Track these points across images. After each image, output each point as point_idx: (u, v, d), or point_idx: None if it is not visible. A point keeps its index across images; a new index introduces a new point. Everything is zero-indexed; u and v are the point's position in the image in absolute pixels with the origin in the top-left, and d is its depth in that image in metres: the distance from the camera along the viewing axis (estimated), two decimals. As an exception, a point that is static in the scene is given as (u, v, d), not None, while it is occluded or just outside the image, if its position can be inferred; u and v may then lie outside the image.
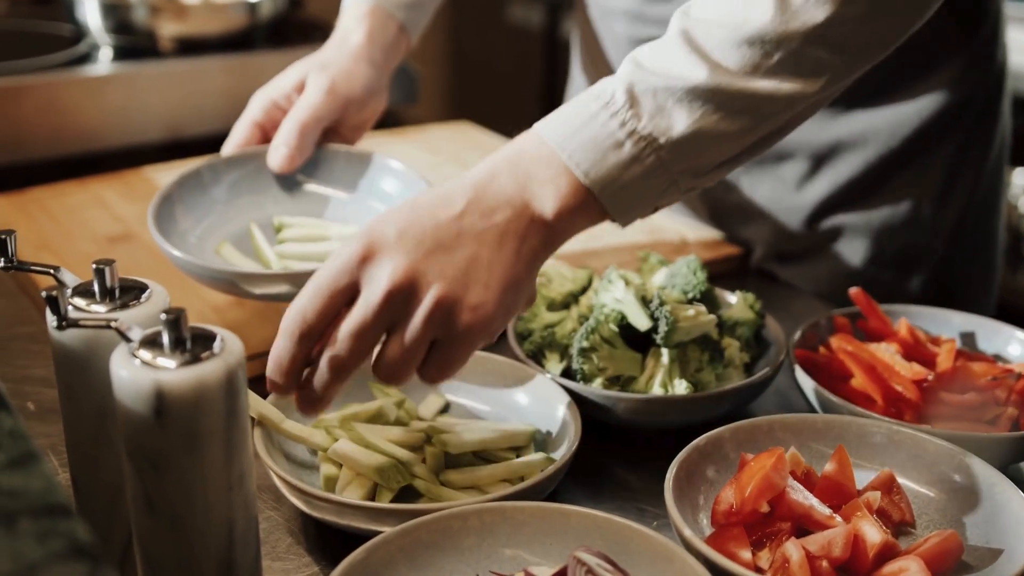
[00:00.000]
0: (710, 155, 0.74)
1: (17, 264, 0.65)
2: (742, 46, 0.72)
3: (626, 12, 1.14)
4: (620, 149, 0.71)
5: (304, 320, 0.69)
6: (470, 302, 0.69)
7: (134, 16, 1.56)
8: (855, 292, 0.91)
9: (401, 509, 0.69)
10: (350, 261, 0.69)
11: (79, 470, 0.65)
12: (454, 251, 0.70)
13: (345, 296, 0.69)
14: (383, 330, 0.69)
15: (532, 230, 0.72)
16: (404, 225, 0.70)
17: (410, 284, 0.68)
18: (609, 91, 0.73)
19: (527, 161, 0.73)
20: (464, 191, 0.72)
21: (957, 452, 0.74)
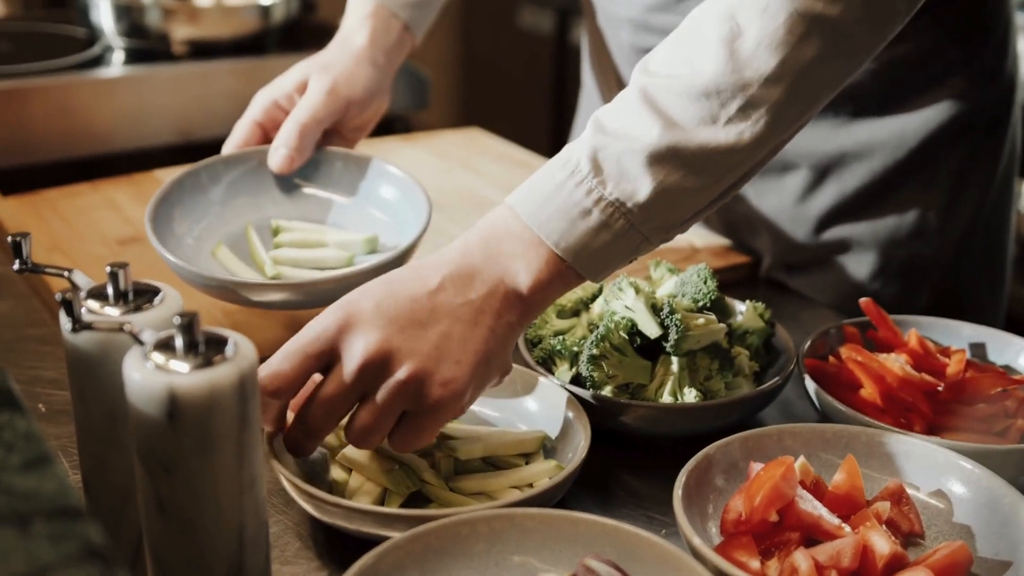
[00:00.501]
0: (679, 211, 0.74)
1: (32, 266, 0.65)
2: (699, 99, 0.73)
3: (630, 21, 1.14)
4: (588, 217, 0.72)
5: (277, 379, 0.71)
6: (441, 378, 0.70)
7: (147, 19, 1.57)
8: (865, 302, 0.91)
9: (410, 515, 0.69)
10: (328, 330, 0.71)
11: (90, 472, 0.65)
12: (428, 328, 0.71)
13: (319, 362, 0.71)
14: (355, 400, 0.71)
15: (507, 305, 0.73)
16: (381, 299, 0.71)
17: (383, 358, 0.70)
18: (575, 159, 0.73)
19: (499, 236, 0.74)
20: (439, 267, 0.73)
21: (966, 464, 0.74)
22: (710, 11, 0.75)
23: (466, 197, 1.27)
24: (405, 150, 1.42)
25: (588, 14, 1.26)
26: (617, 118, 0.74)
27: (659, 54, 0.77)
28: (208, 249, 0.95)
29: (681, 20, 1.09)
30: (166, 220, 0.93)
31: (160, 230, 0.90)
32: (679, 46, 0.76)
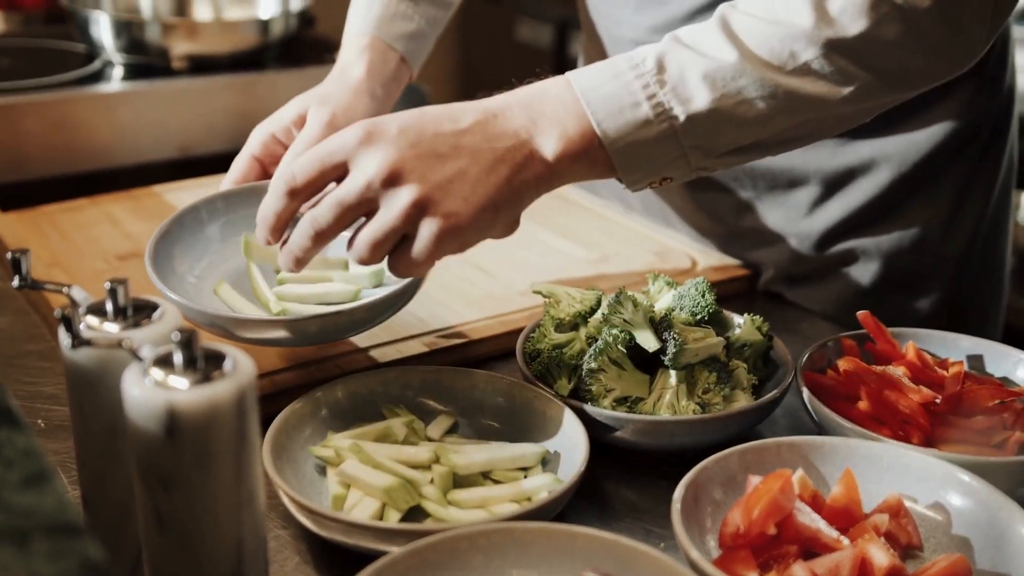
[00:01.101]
0: (723, 137, 0.77)
1: (31, 283, 0.66)
2: (774, 40, 0.76)
3: (633, 42, 1.15)
4: (637, 108, 0.75)
5: (293, 180, 0.75)
6: (444, 209, 0.74)
7: (146, 35, 1.57)
8: (863, 315, 0.91)
9: (409, 529, 0.69)
10: (348, 141, 0.74)
11: (89, 487, 0.65)
12: (445, 161, 0.74)
13: (335, 171, 0.75)
14: (363, 210, 0.75)
15: (529, 164, 0.76)
16: (406, 124, 0.75)
17: (393, 176, 0.73)
18: (641, 55, 0.77)
19: (545, 98, 0.77)
20: (475, 112, 0.76)
21: (964, 476, 0.74)
22: None
23: (465, 211, 1.27)
24: (404, 164, 1.42)
25: (587, 33, 1.26)
26: (693, 35, 0.78)
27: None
28: (211, 286, 0.93)
29: None
30: (166, 258, 0.91)
31: (161, 268, 0.88)
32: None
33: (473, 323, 1.01)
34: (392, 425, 0.82)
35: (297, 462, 0.79)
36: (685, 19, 1.09)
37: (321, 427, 0.82)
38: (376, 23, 1.04)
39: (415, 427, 0.83)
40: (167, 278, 0.88)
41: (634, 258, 1.16)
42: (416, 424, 0.83)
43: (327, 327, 0.84)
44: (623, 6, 1.14)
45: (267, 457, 0.74)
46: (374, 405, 0.85)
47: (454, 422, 0.86)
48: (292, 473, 0.77)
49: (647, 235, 1.22)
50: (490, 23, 3.29)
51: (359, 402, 0.85)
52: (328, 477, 0.79)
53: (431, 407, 0.86)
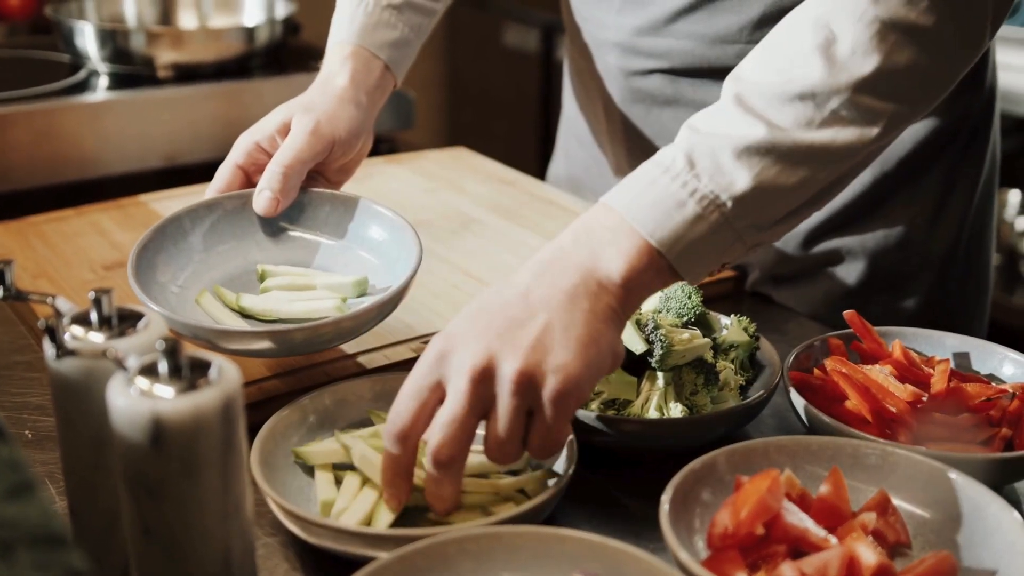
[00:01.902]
0: (773, 209, 0.76)
1: (16, 293, 0.65)
2: (794, 102, 0.75)
3: (618, 44, 1.15)
4: (683, 208, 0.74)
5: (399, 425, 0.71)
6: (552, 366, 0.70)
7: (131, 44, 1.57)
8: (849, 314, 0.91)
9: (398, 535, 0.69)
10: (429, 361, 0.71)
11: (76, 498, 0.65)
12: (526, 325, 0.71)
13: (433, 395, 0.71)
14: (478, 416, 0.70)
15: (602, 290, 0.73)
16: (473, 315, 0.72)
17: (488, 366, 0.69)
18: (669, 157, 0.76)
19: (590, 227, 0.75)
20: (530, 269, 0.74)
21: (951, 473, 0.74)
22: (802, 20, 0.78)
23: (451, 217, 1.27)
24: (390, 170, 1.42)
25: (571, 38, 1.26)
26: (711, 120, 0.77)
27: (750, 63, 0.79)
28: (194, 296, 0.92)
29: (669, 42, 1.10)
30: (149, 268, 0.90)
31: (143, 279, 0.87)
32: (771, 54, 0.79)
33: (461, 328, 1.01)
34: (381, 430, 0.82)
35: (285, 469, 0.79)
36: (668, 20, 1.09)
37: (309, 434, 0.82)
38: (359, 32, 1.04)
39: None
40: (150, 288, 0.87)
41: (621, 261, 1.16)
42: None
43: (312, 337, 0.83)
44: (606, 8, 1.15)
45: (255, 465, 0.74)
46: (362, 411, 0.85)
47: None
48: (280, 480, 0.77)
49: (634, 238, 1.22)
50: (476, 28, 3.29)
51: (347, 409, 0.85)
52: (316, 479, 0.78)
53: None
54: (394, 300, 0.86)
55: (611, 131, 1.24)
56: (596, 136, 1.30)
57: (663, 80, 1.13)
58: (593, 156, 1.33)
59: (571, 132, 1.38)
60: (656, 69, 1.13)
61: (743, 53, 1.08)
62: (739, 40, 1.07)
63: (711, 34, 1.08)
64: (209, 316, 0.91)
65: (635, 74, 1.15)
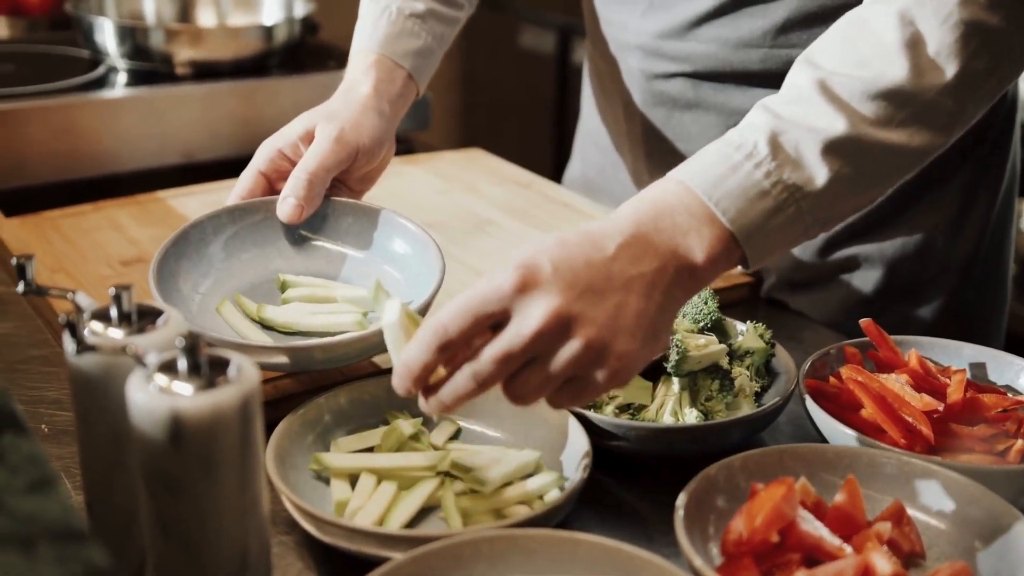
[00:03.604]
0: (843, 205, 0.77)
1: (36, 288, 0.66)
2: (877, 99, 0.76)
3: (640, 48, 1.15)
4: (765, 198, 0.74)
5: (445, 335, 0.69)
6: (617, 350, 0.70)
7: (150, 41, 1.58)
8: (866, 323, 0.91)
9: (412, 536, 0.69)
10: (504, 289, 0.69)
11: (94, 494, 0.66)
12: (605, 296, 0.70)
13: (491, 320, 0.70)
14: (528, 359, 0.70)
15: (678, 279, 0.73)
16: (559, 261, 0.70)
17: (562, 324, 0.69)
18: (751, 141, 0.75)
19: (672, 209, 0.74)
20: (612, 235, 0.72)
21: (967, 484, 0.74)
22: (885, 14, 0.78)
23: (466, 218, 1.28)
24: (405, 171, 1.42)
25: (593, 41, 1.26)
26: (793, 106, 0.77)
27: (827, 50, 0.79)
28: (215, 303, 0.92)
29: (692, 46, 1.10)
30: (171, 275, 0.89)
31: (165, 286, 0.87)
32: (851, 44, 0.79)
33: (476, 330, 1.01)
34: (399, 425, 0.82)
35: (300, 468, 0.79)
36: (692, 24, 1.09)
37: (324, 433, 0.83)
38: (382, 40, 1.04)
39: (419, 433, 0.83)
40: (171, 296, 0.87)
41: (637, 265, 1.16)
42: (421, 430, 0.83)
43: (331, 355, 0.83)
44: (630, 12, 1.14)
45: (270, 463, 0.74)
46: (377, 411, 0.86)
47: (457, 429, 0.86)
48: (295, 479, 0.77)
49: (650, 242, 1.22)
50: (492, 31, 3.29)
51: (362, 408, 0.85)
52: (331, 479, 0.79)
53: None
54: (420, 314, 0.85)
55: (631, 134, 1.24)
56: (615, 140, 1.30)
57: (685, 84, 1.13)
58: (610, 160, 1.33)
59: (588, 136, 1.38)
60: (679, 73, 1.13)
61: (767, 58, 1.07)
62: (763, 45, 1.07)
63: (735, 38, 1.08)
64: (230, 326, 0.90)
65: (657, 77, 1.15)
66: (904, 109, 0.76)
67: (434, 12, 1.08)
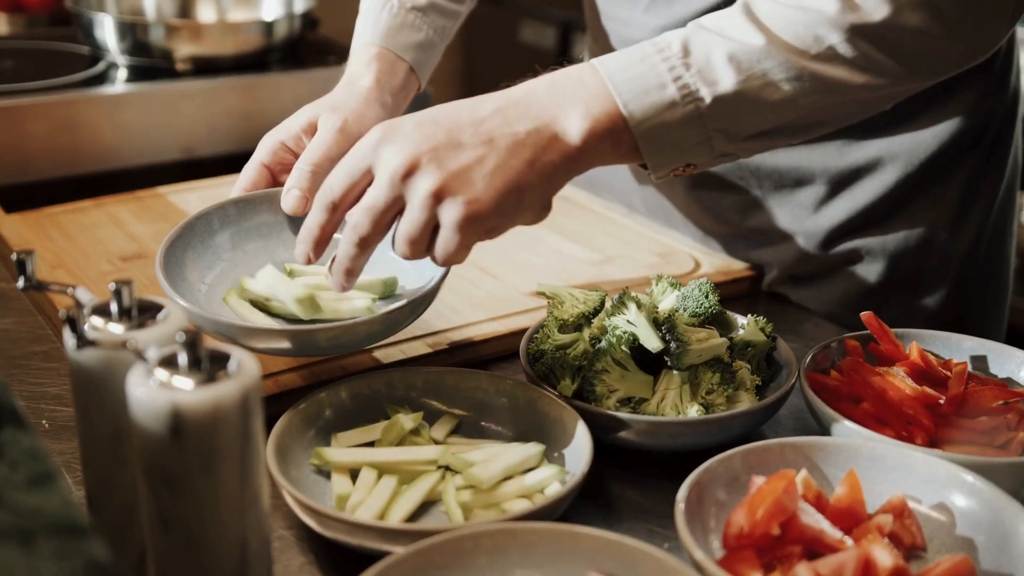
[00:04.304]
0: (748, 120, 0.79)
1: (36, 284, 0.66)
2: (799, 25, 0.78)
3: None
4: (663, 90, 0.76)
5: (331, 192, 0.78)
6: (465, 197, 0.74)
7: (150, 36, 1.58)
8: (867, 316, 0.91)
9: (413, 529, 0.69)
10: (367, 144, 0.76)
11: (94, 488, 0.66)
12: (462, 149, 0.75)
13: (365, 177, 0.77)
14: (394, 208, 0.76)
15: (553, 145, 0.76)
16: (422, 119, 0.76)
17: (410, 169, 0.74)
18: (667, 40, 0.79)
19: (570, 83, 0.78)
20: (494, 100, 0.77)
21: (968, 476, 0.74)
22: None
23: (468, 212, 1.27)
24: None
25: (594, 36, 1.26)
26: (717, 21, 0.80)
27: None
28: (221, 294, 0.91)
29: None
30: (177, 265, 0.89)
31: (171, 276, 0.86)
32: None
33: (477, 324, 1.01)
34: (399, 419, 0.82)
35: (301, 463, 0.79)
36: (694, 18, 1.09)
37: (325, 428, 0.83)
38: (384, 33, 1.04)
39: (420, 428, 0.83)
40: (177, 285, 0.86)
41: (637, 259, 1.16)
42: (421, 424, 0.83)
43: (341, 338, 0.82)
44: (632, 7, 1.14)
45: (271, 458, 0.75)
46: (378, 406, 0.86)
47: (458, 423, 0.86)
48: (296, 474, 0.77)
49: (650, 236, 1.22)
50: (493, 25, 3.29)
51: (363, 403, 0.85)
52: (332, 473, 0.79)
53: (435, 408, 0.86)
54: (425, 300, 0.85)
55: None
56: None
57: None
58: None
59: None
60: None
61: None
62: None
63: None
64: (237, 316, 0.90)
65: None
66: (824, 41, 0.78)
67: (435, 5, 1.08)
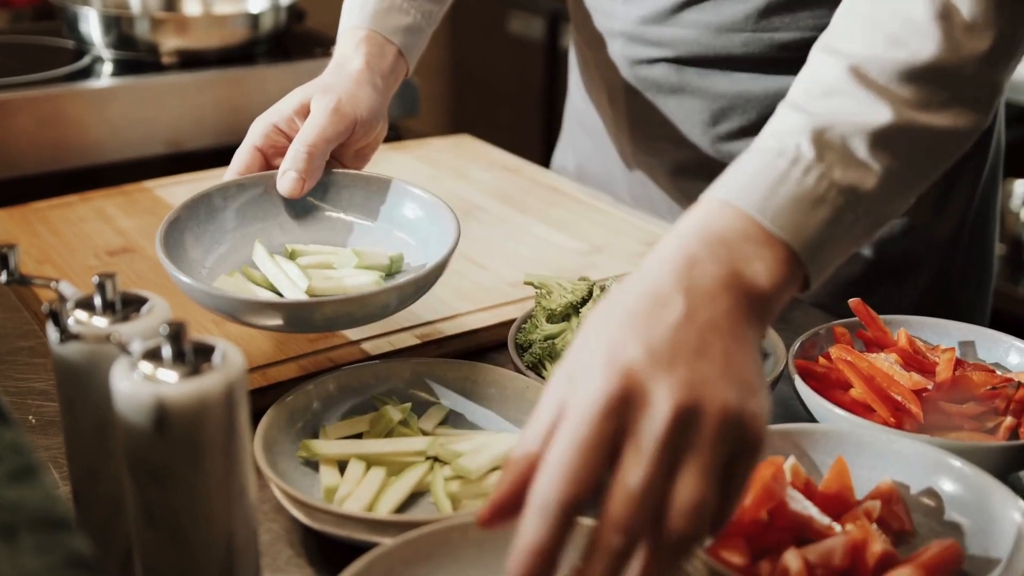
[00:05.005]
0: (895, 203, 0.71)
1: (19, 278, 0.65)
2: (917, 80, 0.70)
3: (623, 33, 1.15)
4: (822, 206, 0.66)
5: (565, 494, 0.54)
6: (749, 406, 0.57)
7: (136, 30, 1.57)
8: (855, 302, 0.91)
9: (401, 521, 0.69)
10: (612, 400, 0.55)
11: (80, 483, 0.65)
12: (708, 353, 0.58)
13: (608, 450, 0.55)
14: (668, 478, 0.54)
15: (753, 311, 0.62)
16: (645, 340, 0.57)
17: (693, 402, 0.55)
18: (792, 145, 0.67)
19: (723, 237, 0.63)
20: (671, 283, 0.60)
21: (956, 461, 0.74)
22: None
23: (456, 204, 1.26)
24: (394, 157, 1.42)
25: (577, 27, 1.26)
26: (827, 100, 0.69)
27: (849, 34, 0.73)
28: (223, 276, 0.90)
29: (675, 31, 1.10)
30: (178, 246, 0.87)
31: (173, 256, 0.85)
32: (876, 24, 0.72)
33: (465, 315, 1.01)
34: (387, 411, 0.82)
35: (289, 455, 0.79)
36: (674, 9, 1.09)
37: (313, 420, 0.82)
38: (372, 16, 1.03)
39: (408, 419, 0.83)
40: (180, 265, 0.85)
41: (625, 248, 1.16)
42: (409, 416, 0.83)
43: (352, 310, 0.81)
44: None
45: (259, 451, 0.74)
46: (366, 398, 0.85)
47: (446, 414, 0.86)
48: (284, 466, 0.77)
49: (638, 225, 1.22)
50: (481, 16, 3.28)
51: (351, 395, 0.85)
52: (320, 465, 0.78)
53: (423, 399, 0.86)
54: (436, 272, 0.84)
55: (616, 120, 1.23)
56: (602, 125, 1.29)
57: (669, 69, 1.13)
58: (598, 144, 1.32)
59: (576, 120, 1.37)
60: (662, 58, 1.13)
61: (749, 41, 1.07)
62: (745, 29, 1.07)
63: (717, 23, 1.08)
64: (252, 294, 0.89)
65: (641, 63, 1.15)
66: (947, 88, 0.70)
67: None
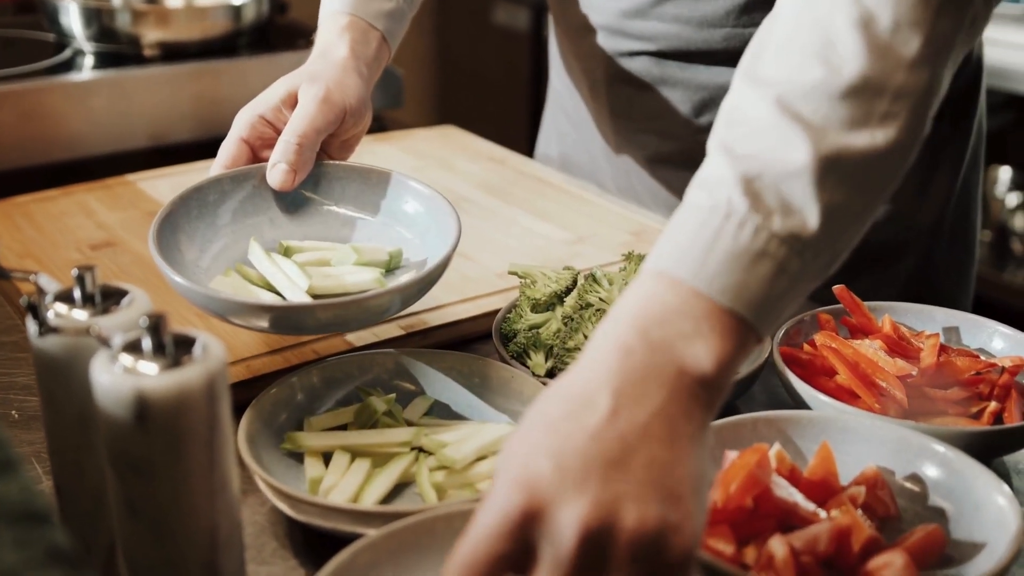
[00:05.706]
0: (844, 240, 0.65)
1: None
2: (847, 98, 0.63)
3: (604, 26, 1.14)
4: (763, 260, 0.60)
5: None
6: (671, 520, 0.54)
7: (117, 22, 1.56)
8: (839, 289, 0.91)
9: (386, 511, 0.69)
10: (511, 520, 0.53)
11: (62, 477, 0.65)
12: (628, 464, 0.55)
13: (510, 564, 0.54)
14: None
15: (695, 402, 0.58)
16: (558, 452, 0.55)
17: (601, 523, 0.53)
18: (723, 199, 0.61)
19: (659, 317, 0.59)
20: (601, 383, 0.57)
21: (941, 447, 0.74)
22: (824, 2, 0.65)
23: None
24: (379, 149, 1.41)
25: (556, 19, 1.26)
26: (755, 141, 0.63)
27: (768, 57, 0.67)
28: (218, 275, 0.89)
29: (655, 25, 1.10)
30: (172, 245, 0.85)
31: (167, 255, 0.83)
32: (795, 44, 0.66)
33: (449, 305, 1.01)
34: (372, 402, 0.81)
35: (273, 447, 0.78)
36: (654, 3, 1.09)
37: (297, 412, 0.82)
38: (354, 1, 1.02)
39: (393, 410, 0.83)
40: (173, 265, 0.83)
41: (610, 238, 1.16)
42: (394, 407, 0.83)
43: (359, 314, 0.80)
44: None
45: (243, 443, 0.74)
46: (351, 389, 0.85)
47: (431, 404, 0.85)
48: (268, 458, 0.76)
49: (623, 215, 1.22)
50: (466, 6, 3.27)
51: (335, 386, 0.85)
52: (304, 456, 0.78)
53: (408, 389, 0.86)
54: (438, 270, 0.83)
55: (598, 111, 1.23)
56: (585, 116, 1.29)
57: (649, 62, 1.13)
58: (582, 134, 1.32)
59: (559, 110, 1.37)
60: (642, 51, 1.13)
61: (730, 36, 1.07)
62: (725, 24, 1.07)
63: (697, 17, 1.08)
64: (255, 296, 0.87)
65: (621, 56, 1.15)
66: (878, 100, 0.63)
67: None
